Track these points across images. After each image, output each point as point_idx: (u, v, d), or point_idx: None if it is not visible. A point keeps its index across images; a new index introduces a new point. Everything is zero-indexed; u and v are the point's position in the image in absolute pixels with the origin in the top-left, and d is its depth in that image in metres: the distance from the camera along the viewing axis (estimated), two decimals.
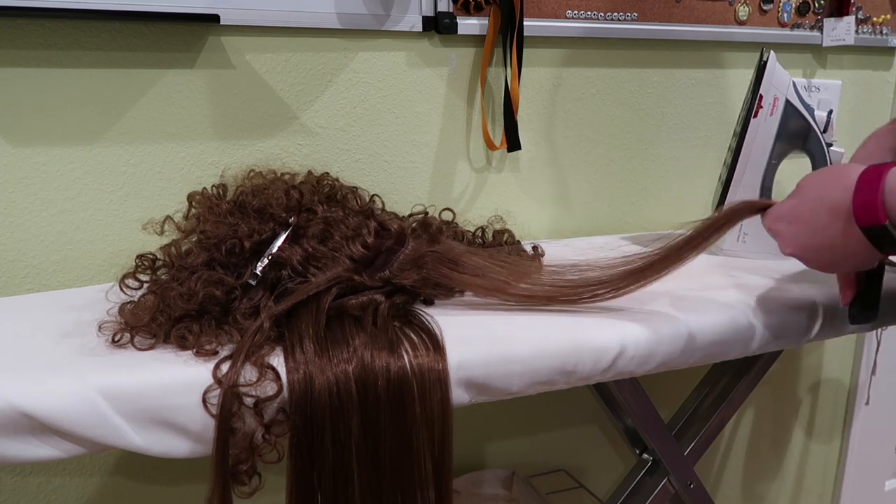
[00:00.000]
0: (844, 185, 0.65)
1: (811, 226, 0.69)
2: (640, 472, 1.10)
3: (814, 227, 0.68)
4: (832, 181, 0.68)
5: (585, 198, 1.28)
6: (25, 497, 1.02)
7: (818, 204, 0.68)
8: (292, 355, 0.65)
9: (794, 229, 0.71)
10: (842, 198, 0.65)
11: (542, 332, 0.74)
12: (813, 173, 0.73)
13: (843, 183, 0.65)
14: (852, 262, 0.70)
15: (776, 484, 1.67)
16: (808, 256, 0.71)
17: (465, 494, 1.22)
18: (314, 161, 1.06)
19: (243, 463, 0.63)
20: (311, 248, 0.75)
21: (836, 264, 0.71)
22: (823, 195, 0.68)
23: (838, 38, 1.36)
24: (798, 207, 0.71)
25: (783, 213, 0.73)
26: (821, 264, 0.72)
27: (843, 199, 0.64)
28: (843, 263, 0.71)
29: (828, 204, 0.67)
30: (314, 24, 1.01)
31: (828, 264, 0.71)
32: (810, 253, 0.71)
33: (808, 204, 0.69)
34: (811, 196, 0.70)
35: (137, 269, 0.83)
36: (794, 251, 0.72)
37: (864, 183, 0.64)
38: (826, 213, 0.67)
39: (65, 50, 0.91)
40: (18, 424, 0.58)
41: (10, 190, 0.92)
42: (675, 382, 1.21)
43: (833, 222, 0.66)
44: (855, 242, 0.66)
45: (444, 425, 0.67)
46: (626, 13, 1.20)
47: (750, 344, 0.84)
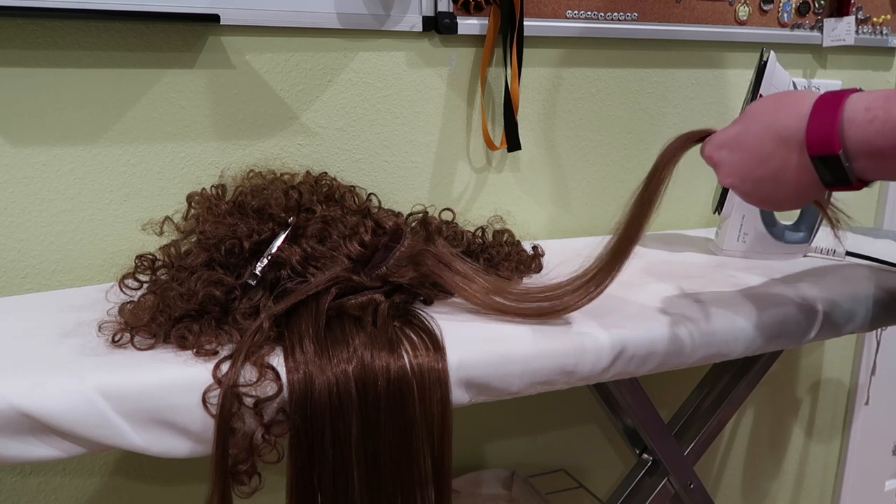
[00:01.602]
0: (797, 111, 0.60)
1: (756, 154, 0.64)
2: (640, 472, 1.10)
3: (759, 155, 0.63)
4: (783, 107, 0.62)
5: (585, 198, 1.28)
6: (25, 497, 1.02)
7: (766, 131, 0.63)
8: (292, 355, 0.65)
9: (735, 157, 0.66)
10: (793, 125, 0.60)
11: (542, 332, 0.74)
12: (762, 99, 0.67)
13: (796, 109, 0.61)
14: (793, 198, 0.65)
15: (776, 484, 1.67)
16: (747, 189, 0.66)
17: (465, 494, 1.22)
18: (314, 161, 1.06)
19: (243, 463, 0.63)
20: (309, 248, 0.75)
21: (776, 199, 0.66)
22: (773, 121, 0.62)
23: (838, 38, 1.36)
24: (742, 134, 0.65)
25: (725, 140, 0.67)
26: (759, 198, 0.67)
27: (795, 126, 0.60)
28: (782, 198, 0.65)
29: (777, 131, 0.62)
30: (314, 24, 1.01)
31: (766, 198, 0.66)
32: (750, 184, 0.66)
33: (755, 130, 0.64)
34: (759, 122, 0.64)
35: (137, 270, 0.83)
36: (734, 181, 0.67)
37: (821, 109, 0.59)
38: (773, 141, 0.62)
39: (65, 50, 0.91)
40: (18, 424, 0.59)
41: (10, 190, 0.92)
42: (675, 382, 1.21)
43: (779, 151, 0.61)
44: (800, 175, 0.61)
45: (443, 425, 0.67)
46: (626, 13, 1.20)
47: (750, 344, 0.84)
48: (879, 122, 0.55)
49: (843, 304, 0.89)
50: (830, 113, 0.58)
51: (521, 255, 0.96)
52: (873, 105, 0.56)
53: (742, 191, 0.67)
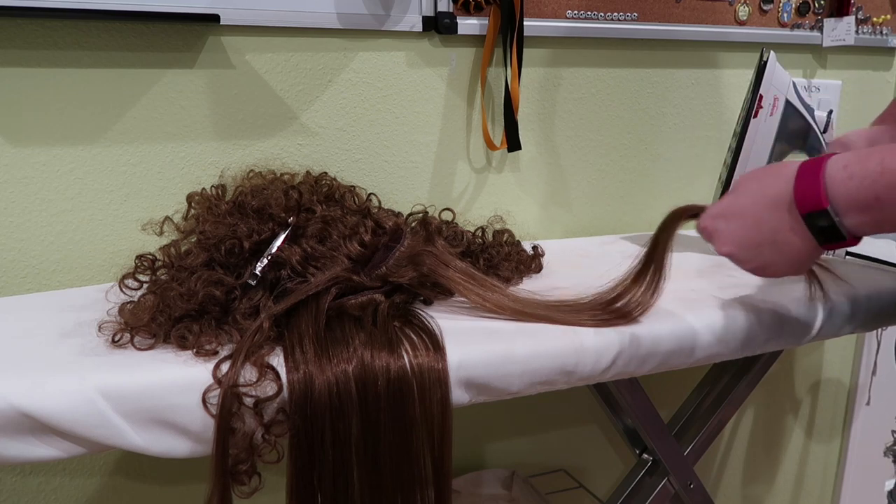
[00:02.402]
0: (785, 176, 0.64)
1: (751, 219, 0.67)
2: (640, 472, 1.10)
3: (754, 220, 0.67)
4: (771, 175, 0.67)
5: (585, 198, 1.28)
6: (25, 497, 1.02)
7: (758, 197, 0.66)
8: (292, 355, 0.65)
9: (732, 225, 0.69)
10: (782, 188, 0.64)
11: (542, 332, 0.74)
12: (750, 171, 0.71)
13: (783, 175, 0.65)
14: (793, 260, 0.67)
15: (776, 484, 1.67)
16: (746, 255, 0.69)
17: (465, 494, 1.22)
18: (314, 161, 1.06)
19: (243, 463, 0.63)
20: (309, 248, 0.75)
21: (775, 263, 0.68)
22: (764, 189, 0.66)
23: (838, 38, 1.36)
24: (736, 203, 0.69)
25: (719, 211, 0.71)
26: (758, 264, 0.69)
27: (784, 188, 0.64)
28: (781, 262, 0.68)
29: (768, 196, 0.65)
30: (314, 24, 1.01)
31: (766, 264, 0.69)
32: (749, 251, 0.68)
33: (747, 198, 0.68)
34: (750, 190, 0.68)
35: (137, 270, 0.83)
36: (732, 249, 0.70)
37: (805, 171, 0.63)
38: (766, 206, 0.65)
39: (65, 50, 0.91)
40: (18, 424, 0.58)
41: (10, 190, 0.92)
42: (675, 382, 1.21)
43: (773, 214, 0.65)
44: (796, 235, 0.64)
45: (443, 425, 0.67)
46: (626, 13, 1.20)
47: (750, 344, 0.84)
48: (857, 177, 0.60)
49: (842, 304, 0.89)
50: (813, 172, 0.62)
51: (521, 255, 0.96)
52: (850, 163, 0.61)
53: (741, 258, 0.70)
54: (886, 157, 0.59)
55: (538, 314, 0.77)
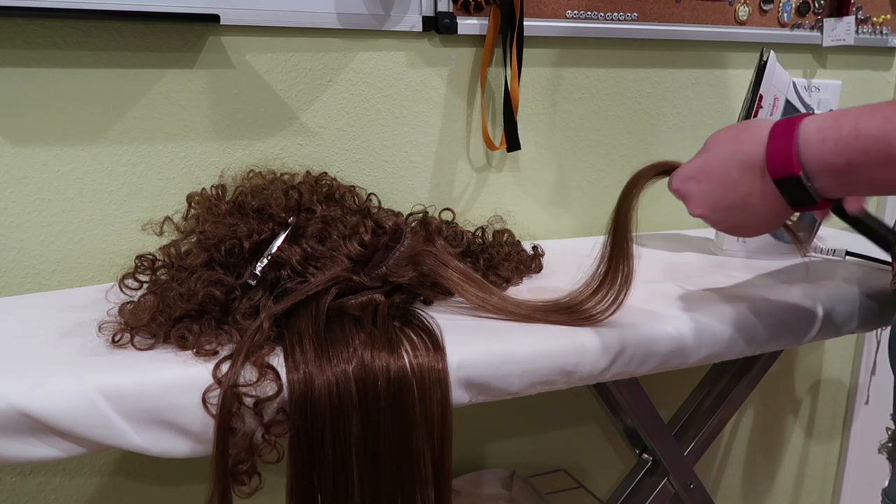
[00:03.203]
0: (756, 137, 0.62)
1: (722, 183, 0.65)
2: (640, 472, 1.10)
3: (725, 183, 0.65)
4: (743, 135, 0.65)
5: (585, 198, 1.28)
6: (25, 497, 1.02)
7: (729, 159, 0.65)
8: (292, 355, 0.65)
9: (703, 188, 0.68)
10: (754, 151, 0.62)
11: (542, 332, 0.74)
12: (721, 130, 0.69)
13: (755, 136, 0.62)
14: (764, 222, 0.66)
15: (776, 484, 1.67)
16: (718, 217, 0.68)
17: (465, 494, 1.22)
18: (314, 161, 1.06)
19: (243, 463, 0.63)
20: (309, 248, 0.75)
21: (747, 225, 0.67)
22: (734, 150, 0.64)
23: (838, 38, 1.36)
24: (707, 164, 0.67)
25: (691, 172, 0.69)
26: (731, 225, 0.68)
27: (756, 151, 0.62)
28: (753, 223, 0.67)
29: (739, 158, 0.63)
30: (314, 24, 1.01)
31: (738, 225, 0.68)
32: (721, 213, 0.67)
33: (718, 160, 0.66)
34: (721, 152, 0.66)
35: (137, 270, 0.83)
36: (704, 211, 0.69)
37: (777, 134, 0.61)
38: (737, 168, 0.64)
39: (65, 50, 0.91)
40: (18, 424, 0.58)
41: (10, 190, 0.92)
42: (675, 382, 1.21)
43: (744, 177, 0.63)
44: (767, 198, 0.63)
45: (443, 425, 0.67)
46: (626, 13, 1.20)
47: (750, 344, 0.84)
48: (831, 141, 0.58)
49: (842, 304, 0.89)
50: (786, 137, 0.60)
51: (521, 255, 0.97)
52: (824, 126, 0.58)
53: (713, 220, 0.69)
54: (861, 120, 0.57)
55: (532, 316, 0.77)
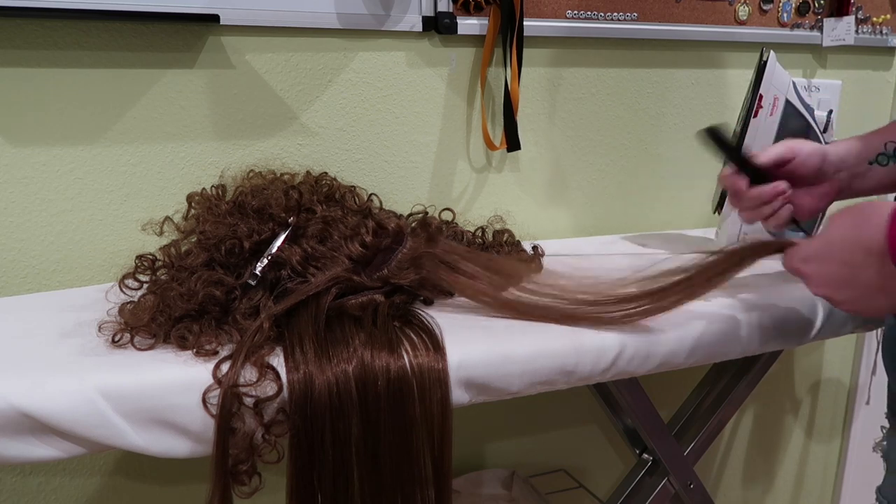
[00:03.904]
0: (876, 222, 0.64)
1: (846, 265, 0.67)
2: (640, 472, 1.10)
3: (850, 265, 0.67)
4: (863, 219, 0.66)
5: (585, 198, 1.28)
6: (25, 497, 1.02)
7: (852, 244, 0.66)
8: (292, 355, 0.65)
9: (826, 270, 0.69)
10: (874, 235, 0.63)
11: (542, 332, 0.74)
12: (840, 212, 0.70)
13: (875, 220, 0.64)
14: (889, 303, 0.68)
15: (776, 484, 1.67)
16: (841, 298, 0.70)
17: (465, 494, 1.22)
18: (314, 161, 1.06)
19: (243, 463, 0.63)
20: (310, 248, 0.75)
21: (875, 306, 0.69)
22: (857, 234, 0.66)
23: (838, 38, 1.36)
24: (829, 248, 0.69)
25: (812, 254, 0.71)
26: (858, 307, 0.70)
27: (876, 236, 0.63)
28: (880, 304, 0.68)
29: (862, 243, 0.65)
30: (314, 24, 1.01)
31: (866, 307, 0.69)
32: (844, 294, 0.69)
33: (840, 244, 0.68)
34: (843, 235, 0.68)
35: (137, 270, 0.83)
36: (828, 292, 0.70)
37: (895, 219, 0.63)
38: (860, 252, 0.65)
39: (65, 50, 0.91)
40: (18, 424, 0.59)
41: (10, 190, 0.92)
42: (675, 382, 1.21)
43: (868, 261, 0.65)
44: (891, 281, 0.64)
45: (443, 425, 0.67)
46: (626, 13, 1.20)
47: (750, 344, 0.84)
48: None
49: None
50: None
51: (522, 255, 0.96)
52: None
53: (839, 300, 0.70)
54: None
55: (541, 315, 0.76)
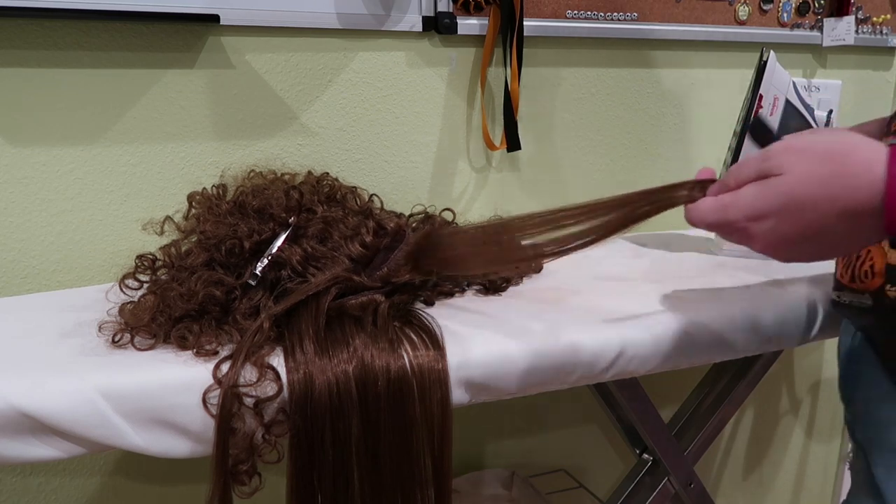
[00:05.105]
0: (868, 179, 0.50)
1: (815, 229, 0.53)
2: (640, 472, 1.10)
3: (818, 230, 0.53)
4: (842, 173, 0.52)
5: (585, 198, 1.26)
6: (25, 497, 1.02)
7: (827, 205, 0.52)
8: (292, 355, 0.65)
9: (784, 229, 0.55)
10: (866, 199, 0.50)
11: (542, 332, 0.74)
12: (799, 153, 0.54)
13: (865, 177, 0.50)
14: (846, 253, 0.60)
15: (776, 484, 1.67)
16: (793, 257, 0.57)
17: (465, 494, 1.22)
18: (314, 161, 1.06)
19: (243, 463, 0.63)
20: (310, 248, 0.75)
21: (820, 257, 0.58)
22: (836, 194, 0.51)
23: (838, 38, 1.36)
24: (791, 206, 0.53)
25: (766, 211, 0.55)
26: (803, 260, 0.58)
27: (869, 199, 0.50)
28: (826, 255, 0.58)
29: (843, 206, 0.51)
30: (314, 24, 1.01)
31: (809, 259, 0.58)
32: (800, 252, 0.57)
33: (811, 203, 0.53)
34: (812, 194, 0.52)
35: (137, 270, 0.83)
36: (778, 253, 0.57)
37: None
38: (838, 216, 0.52)
39: (65, 50, 0.91)
40: (18, 424, 0.58)
41: (10, 190, 0.92)
42: (675, 382, 1.21)
43: (847, 226, 0.52)
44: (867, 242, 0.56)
45: (443, 425, 0.67)
46: (626, 13, 1.20)
47: (750, 344, 0.84)
48: None
49: None
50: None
51: None
52: None
53: (787, 258, 0.58)
54: None
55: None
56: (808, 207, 0.53)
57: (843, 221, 0.52)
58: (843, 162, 0.52)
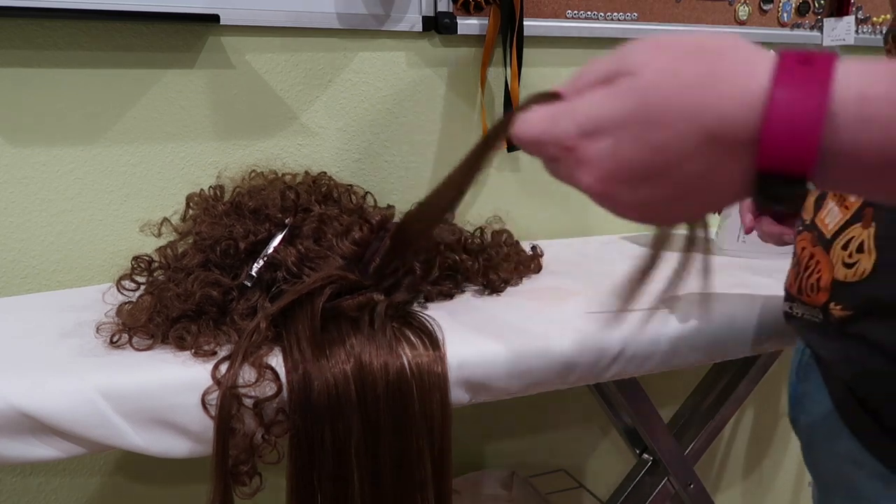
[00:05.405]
0: (744, 89, 0.35)
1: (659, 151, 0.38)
2: (640, 472, 1.10)
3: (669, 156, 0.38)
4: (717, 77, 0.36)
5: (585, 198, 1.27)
6: (25, 497, 1.02)
7: (687, 117, 0.37)
8: (290, 355, 0.65)
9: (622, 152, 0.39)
10: (736, 115, 0.35)
11: (541, 332, 0.74)
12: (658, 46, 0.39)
13: (741, 85, 0.36)
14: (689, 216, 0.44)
15: (776, 484, 1.67)
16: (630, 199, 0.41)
17: (465, 494, 1.22)
18: (314, 161, 1.06)
19: (244, 464, 0.63)
20: (304, 249, 0.75)
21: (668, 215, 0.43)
22: (700, 102, 0.36)
23: (838, 37, 1.36)
24: (638, 115, 0.38)
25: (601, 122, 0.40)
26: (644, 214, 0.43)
27: (740, 116, 0.35)
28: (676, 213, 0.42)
29: (705, 123, 0.36)
30: (314, 24, 1.01)
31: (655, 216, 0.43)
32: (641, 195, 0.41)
33: (665, 113, 0.37)
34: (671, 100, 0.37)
35: (134, 271, 0.83)
36: (608, 189, 0.42)
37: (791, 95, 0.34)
38: (696, 136, 0.36)
39: (65, 50, 0.91)
40: (18, 424, 0.59)
41: (10, 190, 0.92)
42: (675, 382, 1.21)
43: (705, 153, 0.37)
44: (727, 188, 0.38)
45: (443, 425, 0.67)
46: (626, 13, 1.20)
47: (750, 344, 0.84)
48: (880, 121, 0.34)
49: None
50: (807, 103, 0.34)
51: (521, 255, 0.96)
52: (871, 92, 0.35)
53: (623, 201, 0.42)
54: None
55: None
56: (660, 122, 0.38)
57: (701, 149, 0.37)
58: (716, 62, 0.37)
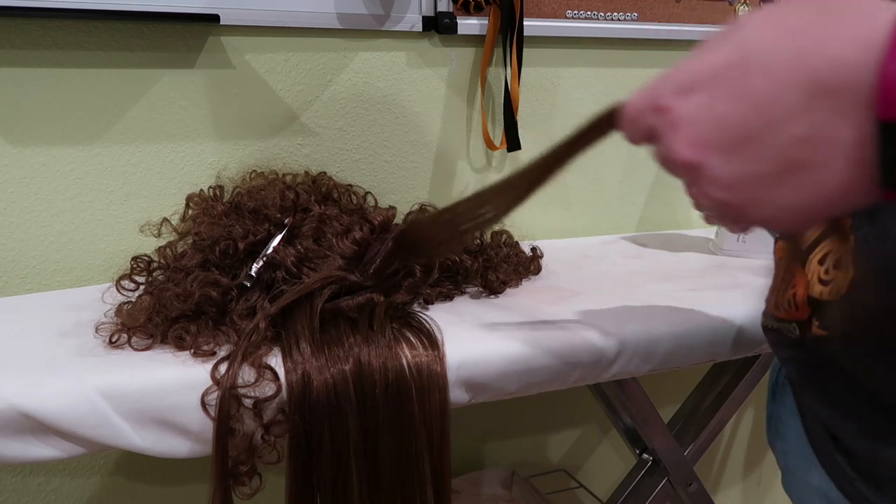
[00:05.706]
0: (858, 33, 0.31)
1: (765, 106, 0.33)
2: (640, 472, 1.10)
3: (770, 109, 0.33)
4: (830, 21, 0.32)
5: (585, 198, 1.27)
6: (25, 497, 1.02)
7: (789, 65, 0.32)
8: (290, 355, 0.65)
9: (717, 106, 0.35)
10: (851, 59, 0.31)
11: (541, 332, 0.74)
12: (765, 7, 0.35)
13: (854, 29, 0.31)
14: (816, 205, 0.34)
15: (776, 484, 1.66)
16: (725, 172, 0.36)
17: (465, 494, 1.22)
18: (314, 161, 1.06)
19: (243, 464, 0.63)
20: (303, 249, 0.75)
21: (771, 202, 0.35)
22: (804, 46, 0.32)
23: None
24: (730, 65, 0.35)
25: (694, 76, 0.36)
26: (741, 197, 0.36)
27: (855, 61, 0.31)
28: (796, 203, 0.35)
29: (813, 69, 0.32)
30: (314, 24, 1.01)
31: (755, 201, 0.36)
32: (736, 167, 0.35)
33: (763, 59, 0.33)
34: (771, 44, 0.33)
35: (133, 272, 0.83)
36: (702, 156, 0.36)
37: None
38: (802, 87, 0.32)
39: (65, 50, 0.91)
40: (18, 424, 0.59)
41: (10, 190, 0.92)
42: (675, 382, 1.21)
43: (813, 105, 0.32)
44: (847, 157, 0.32)
45: (442, 426, 0.67)
46: (626, 13, 1.20)
47: (750, 344, 0.84)
48: None
49: None
50: None
51: (520, 256, 0.96)
52: None
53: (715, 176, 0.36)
54: None
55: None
56: (760, 68, 0.33)
57: (806, 104, 0.32)
58: (825, 8, 0.32)
